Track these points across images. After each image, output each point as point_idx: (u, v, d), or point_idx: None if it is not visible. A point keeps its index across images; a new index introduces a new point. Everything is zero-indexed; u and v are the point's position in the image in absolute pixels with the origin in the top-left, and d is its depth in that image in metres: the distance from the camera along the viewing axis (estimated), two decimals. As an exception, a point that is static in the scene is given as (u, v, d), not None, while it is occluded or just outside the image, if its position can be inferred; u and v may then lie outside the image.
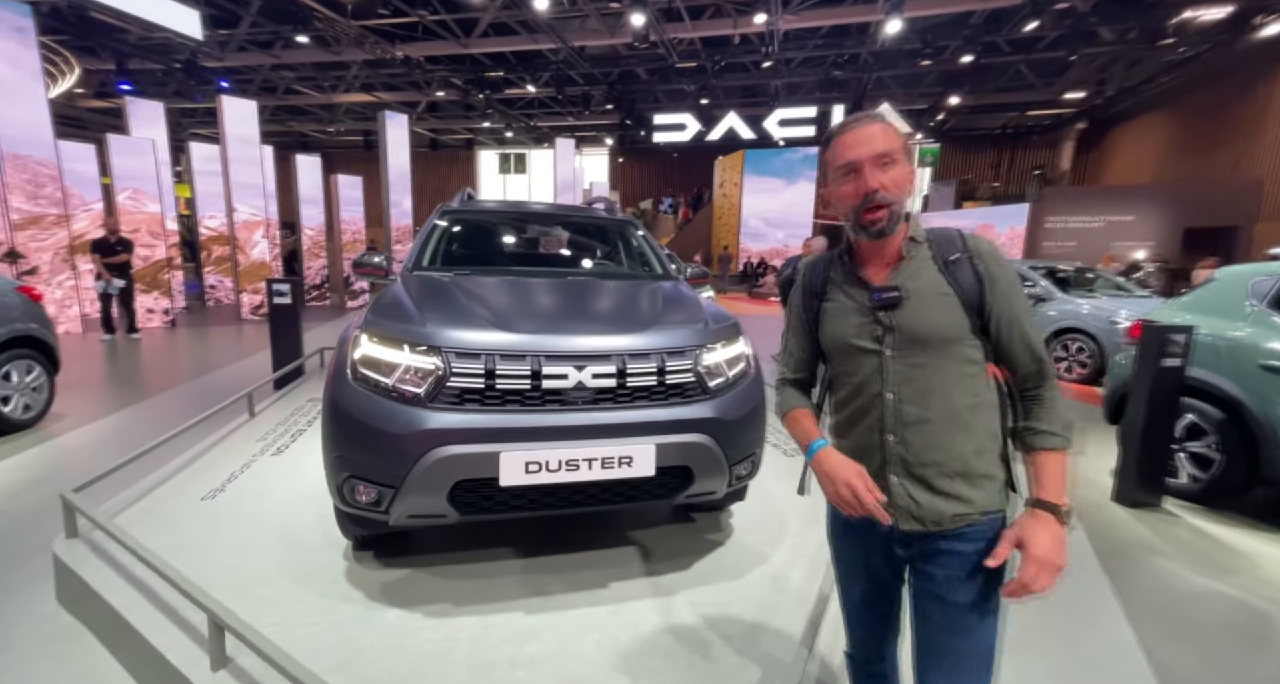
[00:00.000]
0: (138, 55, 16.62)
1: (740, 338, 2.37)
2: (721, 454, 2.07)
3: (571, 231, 3.55)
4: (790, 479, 3.23)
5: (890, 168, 1.03)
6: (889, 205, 1.03)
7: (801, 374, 1.26)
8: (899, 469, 1.07)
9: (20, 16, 7.85)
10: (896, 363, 1.06)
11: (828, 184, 1.11)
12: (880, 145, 1.02)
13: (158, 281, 9.45)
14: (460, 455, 1.78)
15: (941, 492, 1.04)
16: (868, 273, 1.12)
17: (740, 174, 21.74)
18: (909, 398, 1.05)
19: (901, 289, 1.06)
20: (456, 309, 2.12)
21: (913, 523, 1.06)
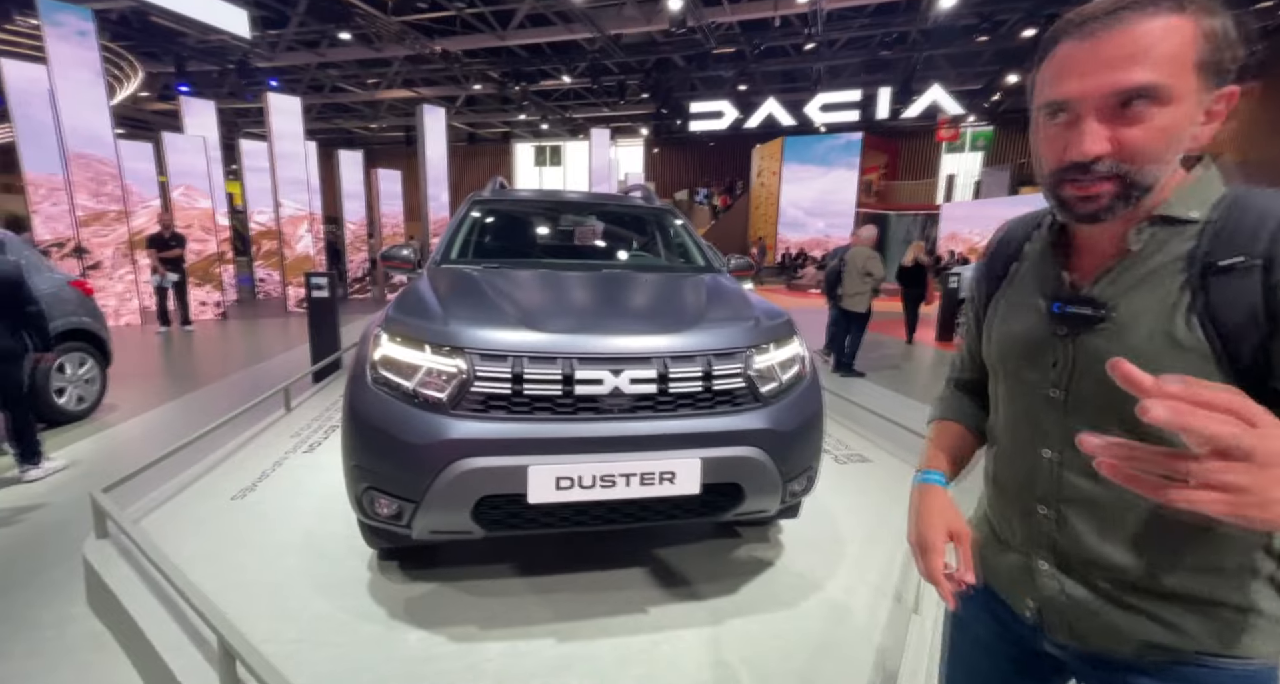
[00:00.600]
0: (196, 58, 17.44)
1: (795, 337, 2.13)
2: (775, 469, 1.85)
3: (607, 221, 3.35)
4: (847, 488, 2.97)
5: (1148, 109, 0.58)
6: (1122, 176, 0.60)
7: (968, 373, 0.95)
8: (1050, 554, 0.74)
9: (82, 20, 8.15)
10: (1073, 411, 0.69)
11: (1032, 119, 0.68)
12: (1140, 73, 0.56)
13: (209, 275, 9.78)
14: (485, 469, 1.62)
15: (1130, 606, 0.68)
16: (1076, 259, 0.73)
17: (779, 162, 21.11)
18: (1080, 465, 0.69)
19: (1105, 306, 0.66)
20: (482, 305, 1.96)
21: (1064, 634, 0.74)
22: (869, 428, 3.99)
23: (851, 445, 3.68)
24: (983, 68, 17.77)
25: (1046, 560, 0.74)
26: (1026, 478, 0.75)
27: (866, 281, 5.81)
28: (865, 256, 5.82)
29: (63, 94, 7.86)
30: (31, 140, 7.89)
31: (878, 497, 2.93)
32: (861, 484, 3.09)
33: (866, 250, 5.87)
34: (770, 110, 19.48)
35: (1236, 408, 0.41)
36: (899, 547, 2.41)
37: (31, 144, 7.88)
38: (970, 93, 18.82)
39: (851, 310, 5.90)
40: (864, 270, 5.79)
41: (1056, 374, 0.70)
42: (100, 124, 8.23)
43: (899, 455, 3.51)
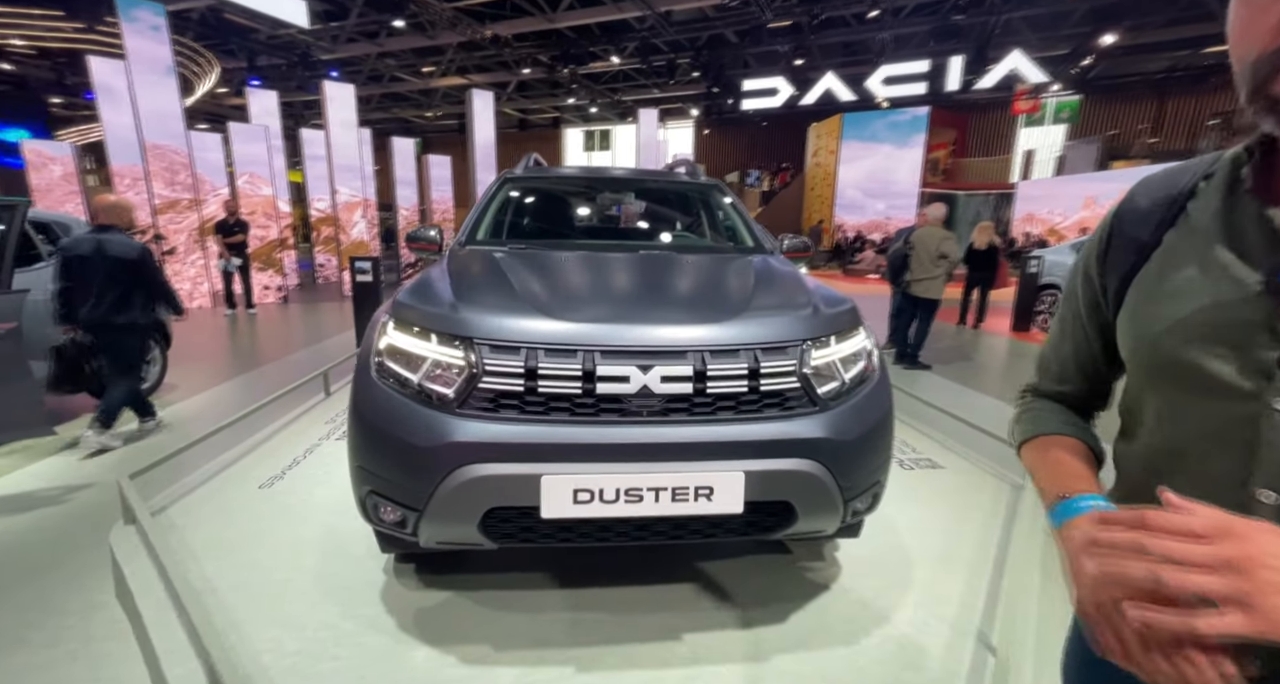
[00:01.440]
0: (265, 53, 18.33)
1: (860, 328, 1.81)
2: (835, 486, 1.56)
3: (648, 199, 3.08)
4: (916, 498, 2.63)
5: None
6: None
7: (1069, 385, 0.74)
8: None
9: (155, 15, 8.49)
10: None
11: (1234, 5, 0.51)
12: None
13: (271, 260, 10.18)
14: (493, 477, 1.42)
15: None
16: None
17: (837, 140, 20.00)
18: None
19: None
20: (496, 290, 1.75)
21: None
22: (938, 428, 3.58)
23: (919, 448, 3.30)
24: (1071, 30, 16.06)
25: None
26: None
27: (939, 265, 5.28)
28: (938, 238, 5.28)
29: (139, 87, 8.25)
30: (114, 133, 8.37)
31: (951, 509, 2.56)
32: (932, 494, 2.72)
33: (939, 230, 5.33)
34: (828, 86, 18.44)
35: None
36: (980, 573, 2.07)
37: (115, 136, 8.36)
38: (1054, 59, 17.11)
39: (922, 297, 5.39)
40: (937, 253, 5.25)
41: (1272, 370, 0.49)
42: (173, 116, 8.61)
43: (973, 460, 3.10)
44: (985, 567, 2.11)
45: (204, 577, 1.94)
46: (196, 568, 1.99)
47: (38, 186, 9.14)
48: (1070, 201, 15.82)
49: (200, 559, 2.04)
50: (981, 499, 2.66)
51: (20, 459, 3.05)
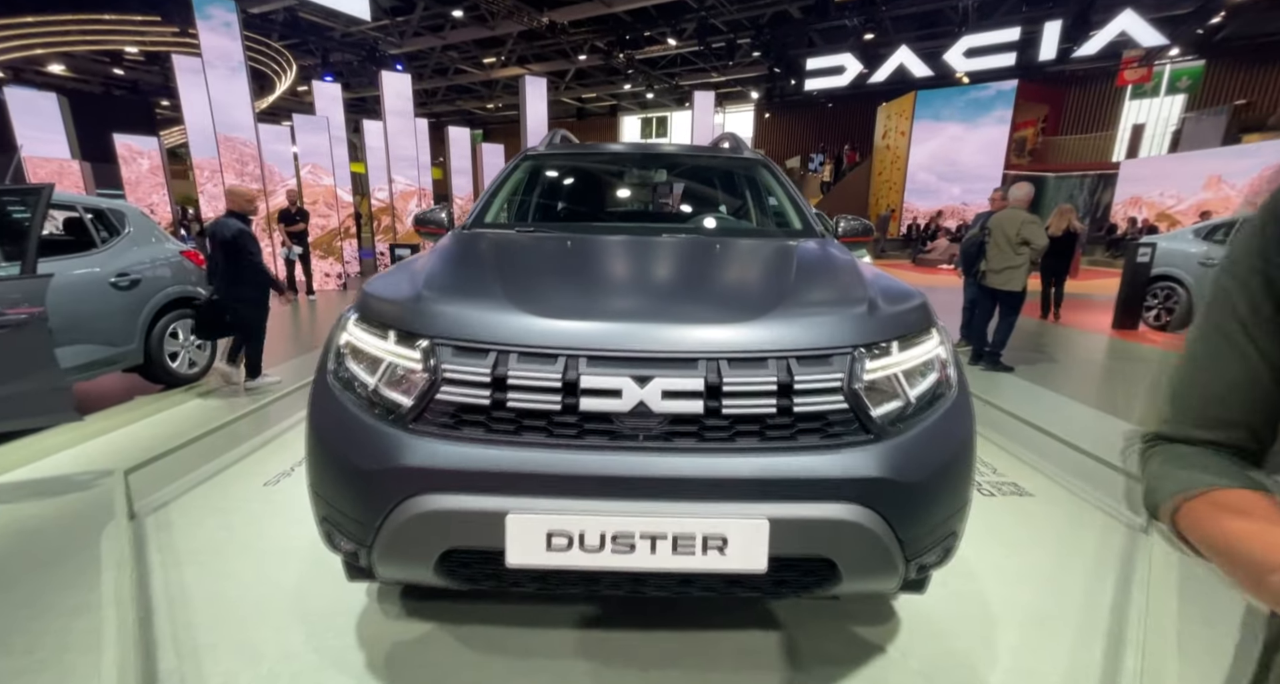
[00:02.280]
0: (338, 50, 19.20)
1: (933, 330, 1.40)
2: (894, 540, 1.18)
3: (683, 176, 2.72)
4: (998, 536, 2.16)
5: None
6: None
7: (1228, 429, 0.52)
8: None
9: (227, 12, 8.84)
10: None
11: None
12: None
13: (332, 249, 10.51)
14: (447, 513, 1.14)
15: None
16: None
17: (909, 120, 18.61)
18: None
19: None
20: (473, 279, 1.47)
21: None
22: (1024, 445, 3.04)
23: (1001, 469, 2.78)
24: (1195, -15, 14.00)
25: None
26: None
27: (1021, 253, 4.58)
28: (1020, 222, 4.56)
29: (212, 81, 8.63)
30: (194, 126, 8.83)
31: (1045, 551, 2.09)
32: (1019, 530, 2.25)
33: (1022, 213, 4.61)
34: (901, 61, 17.05)
35: None
36: (1089, 643, 1.61)
37: (195, 130, 8.82)
38: (1173, 20, 15.00)
39: (1001, 289, 4.71)
40: (1018, 239, 4.55)
41: None
42: (242, 108, 8.96)
43: (1070, 486, 2.57)
44: (1096, 635, 1.65)
45: (183, 585, 1.81)
46: (178, 574, 1.86)
47: (128, 179, 9.83)
48: (1188, 182, 13.92)
49: (183, 564, 1.92)
50: (1085, 540, 2.16)
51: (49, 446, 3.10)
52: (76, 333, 3.55)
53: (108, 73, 21.36)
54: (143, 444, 3.07)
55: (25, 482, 2.62)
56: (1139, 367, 5.19)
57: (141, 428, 3.38)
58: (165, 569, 1.88)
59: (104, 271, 3.79)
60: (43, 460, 2.83)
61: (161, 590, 1.75)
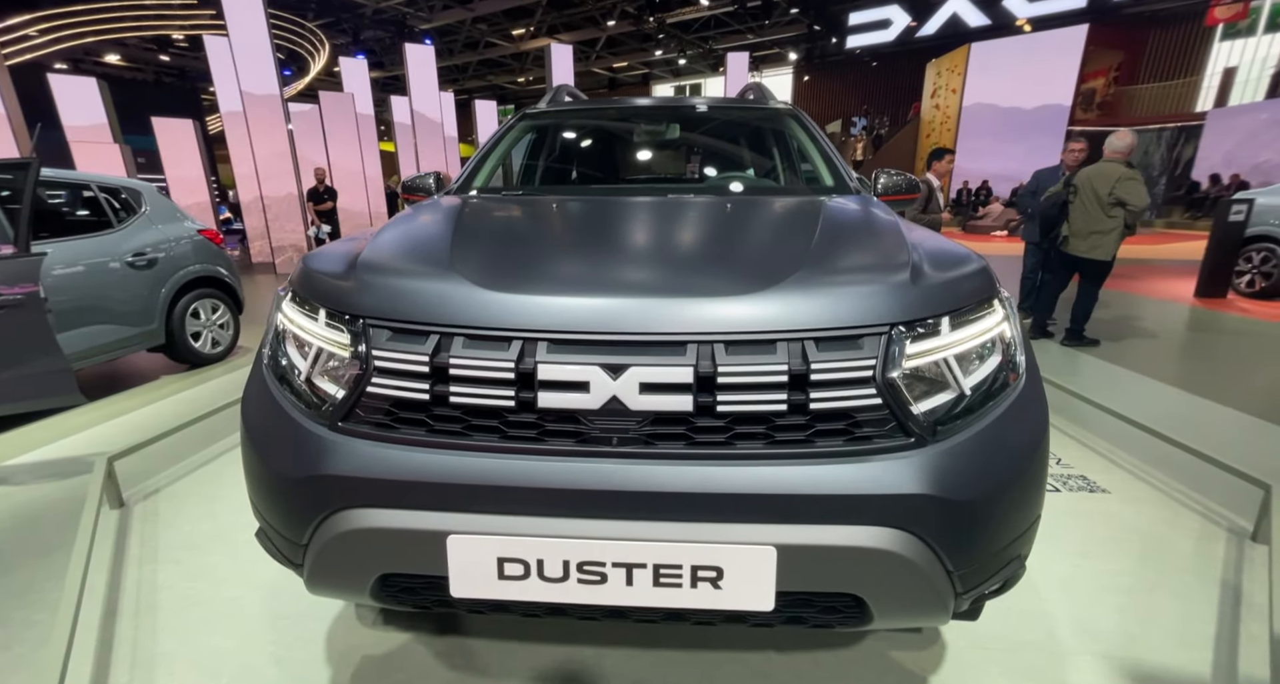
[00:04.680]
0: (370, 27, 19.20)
1: (995, 302, 1.09)
2: (942, 572, 0.92)
3: (699, 131, 2.40)
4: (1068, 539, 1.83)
5: None
6: None
7: None
8: None
9: (253, -9, 8.73)
10: None
11: None
12: None
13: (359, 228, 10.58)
14: (379, 532, 0.94)
15: None
16: None
17: (962, 76, 17.20)
18: None
19: None
20: (421, 247, 1.23)
21: None
22: (1102, 433, 2.65)
23: (1073, 461, 2.42)
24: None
25: None
26: None
27: (1115, 216, 3.98)
28: (1116, 177, 3.89)
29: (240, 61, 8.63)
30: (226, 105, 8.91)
31: (1126, 561, 1.76)
32: (1094, 532, 1.92)
33: (1119, 168, 3.93)
34: (954, 9, 15.76)
35: None
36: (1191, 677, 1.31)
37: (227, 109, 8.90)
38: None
39: (1086, 257, 4.10)
40: (1112, 199, 3.91)
41: None
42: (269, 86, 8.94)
43: (1157, 483, 2.20)
44: (1202, 669, 1.35)
45: (154, 584, 1.71)
46: (152, 571, 1.77)
47: (167, 158, 10.08)
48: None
49: (160, 559, 1.82)
50: (1178, 548, 1.82)
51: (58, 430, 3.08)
52: (94, 313, 3.55)
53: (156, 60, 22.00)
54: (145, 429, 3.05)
55: (23, 465, 2.61)
56: (1229, 340, 4.59)
57: (153, 410, 3.37)
58: (141, 564, 1.79)
59: (121, 251, 3.77)
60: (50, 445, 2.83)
61: (133, 588, 1.66)
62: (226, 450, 2.60)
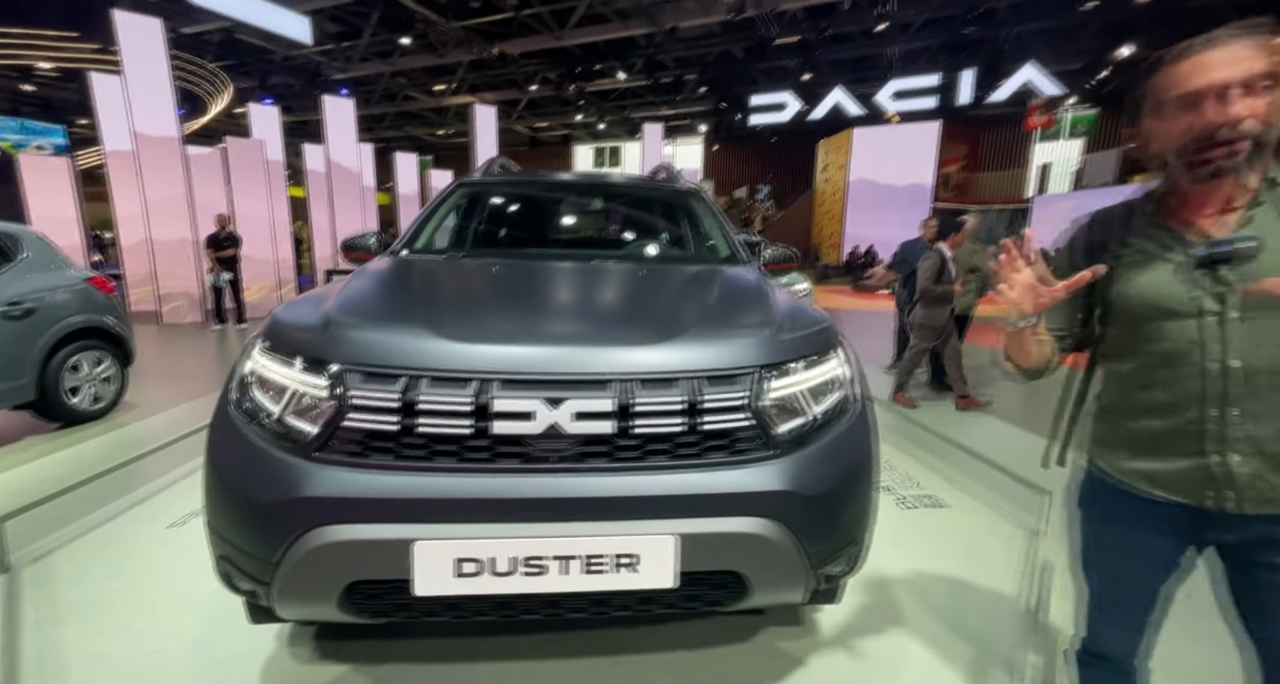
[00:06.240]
0: (279, 72, 18.69)
1: (835, 350, 1.49)
2: (799, 550, 1.24)
3: (616, 205, 2.80)
4: (914, 546, 2.26)
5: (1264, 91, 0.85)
6: (1256, 136, 0.85)
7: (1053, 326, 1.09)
8: (1244, 449, 0.91)
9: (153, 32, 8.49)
10: (1246, 326, 0.90)
11: (1153, 116, 0.94)
12: (1252, 65, 0.84)
13: (266, 275, 10.06)
14: (351, 543, 1.11)
15: None
16: (1185, 222, 0.96)
17: (846, 156, 19.76)
18: (1261, 365, 0.89)
19: (1257, 239, 0.88)
20: (385, 304, 1.47)
21: (1266, 506, 0.91)
22: (942, 458, 3.21)
23: (922, 482, 2.93)
24: (1089, 42, 15.75)
25: (1239, 451, 0.91)
26: (1199, 394, 0.92)
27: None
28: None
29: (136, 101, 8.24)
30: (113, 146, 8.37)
31: (959, 557, 2.20)
32: (934, 539, 2.36)
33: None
34: (837, 100, 18.26)
35: None
36: (995, 650, 1.70)
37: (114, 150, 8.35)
38: (1070, 73, 16.77)
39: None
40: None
41: (1222, 299, 0.90)
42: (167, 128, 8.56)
43: (986, 499, 2.73)
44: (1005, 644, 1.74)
45: (59, 646, 1.65)
46: (55, 634, 1.70)
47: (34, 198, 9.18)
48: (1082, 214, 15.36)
49: (63, 621, 1.75)
50: (993, 547, 2.30)
51: None
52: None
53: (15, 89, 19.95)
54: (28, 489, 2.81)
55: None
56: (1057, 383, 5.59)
57: (30, 470, 3.09)
58: (41, 628, 1.71)
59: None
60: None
61: (33, 654, 1.59)
62: (131, 506, 2.48)
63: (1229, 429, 0.90)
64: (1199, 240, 0.92)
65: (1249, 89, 0.84)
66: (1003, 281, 0.99)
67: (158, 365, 5.99)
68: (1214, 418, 0.91)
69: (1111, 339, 1.04)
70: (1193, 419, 0.93)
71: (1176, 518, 0.98)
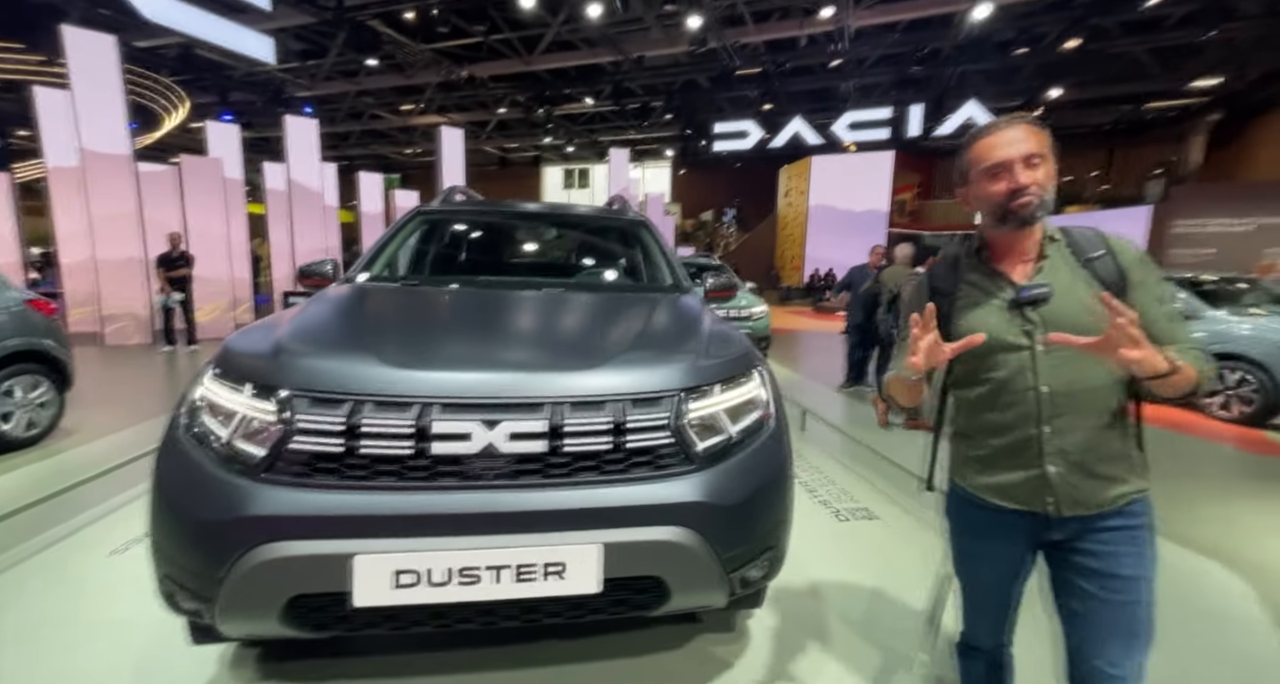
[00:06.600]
0: (241, 89, 18.35)
1: (754, 373, 1.65)
2: (714, 556, 1.36)
3: (568, 235, 2.95)
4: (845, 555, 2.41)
5: (1039, 166, 1.07)
6: (1039, 195, 1.07)
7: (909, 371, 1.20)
8: (1058, 459, 1.09)
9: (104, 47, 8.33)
10: (1049, 356, 1.09)
11: (969, 183, 1.15)
12: (1030, 145, 1.07)
13: (220, 295, 9.81)
14: (294, 559, 1.19)
15: (1101, 475, 1.08)
16: (1005, 269, 1.15)
17: (806, 182, 20.58)
18: (1061, 389, 1.08)
19: (1049, 286, 1.08)
20: (334, 332, 1.56)
21: (1077, 508, 1.09)
22: (879, 474, 3.41)
23: (858, 496, 3.11)
24: (1023, 83, 16.98)
25: (1055, 464, 1.09)
26: (1029, 414, 1.10)
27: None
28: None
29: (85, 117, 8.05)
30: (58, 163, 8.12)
31: (879, 568, 2.36)
32: (864, 550, 2.53)
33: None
34: (796, 130, 19.08)
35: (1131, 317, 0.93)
36: (900, 650, 1.85)
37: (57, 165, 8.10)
38: (1009, 110, 17.99)
39: None
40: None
41: (1030, 336, 1.10)
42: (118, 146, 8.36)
43: (914, 512, 2.92)
44: (907, 638, 1.90)
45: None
46: None
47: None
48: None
49: (12, 641, 1.73)
50: (913, 555, 2.47)
51: None
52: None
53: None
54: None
55: None
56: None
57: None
58: None
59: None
60: None
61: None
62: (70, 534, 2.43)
63: (1045, 443, 1.08)
64: (1011, 285, 1.11)
65: (1029, 163, 1.06)
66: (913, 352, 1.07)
67: (101, 389, 5.78)
68: (1042, 434, 1.08)
69: (958, 371, 1.18)
70: (1026, 436, 1.09)
71: (1022, 526, 1.13)
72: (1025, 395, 1.08)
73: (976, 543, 1.22)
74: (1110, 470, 1.07)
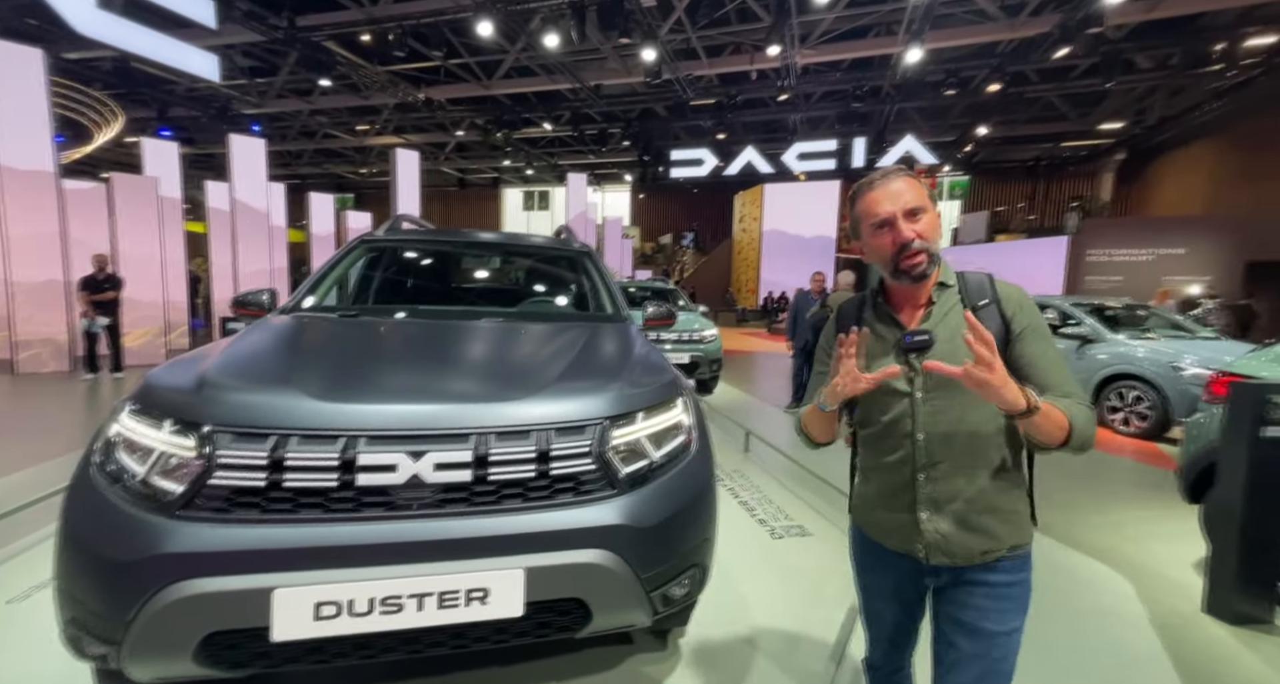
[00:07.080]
0: (183, 104, 17.65)
1: (677, 400, 1.75)
2: (634, 576, 1.43)
3: (511, 265, 3.02)
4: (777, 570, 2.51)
5: (921, 217, 1.09)
6: (925, 250, 1.09)
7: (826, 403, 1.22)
8: (929, 507, 1.10)
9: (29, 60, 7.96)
10: (926, 404, 1.10)
11: (861, 236, 1.17)
12: (909, 199, 1.09)
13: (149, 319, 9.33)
14: (208, 596, 1.19)
15: (972, 527, 1.08)
16: (900, 314, 1.17)
17: (760, 208, 21.34)
18: (938, 438, 1.09)
19: (931, 334, 1.09)
20: (260, 365, 1.58)
21: (942, 557, 1.09)
22: (814, 492, 3.56)
23: (792, 514, 3.24)
24: (955, 120, 18.30)
25: (926, 510, 1.09)
26: (907, 459, 1.10)
27: None
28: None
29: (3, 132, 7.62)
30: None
31: (808, 583, 2.47)
32: (796, 565, 2.64)
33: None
34: (749, 158, 19.85)
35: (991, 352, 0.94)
36: (818, 664, 1.95)
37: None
38: (944, 144, 19.32)
39: None
40: None
41: (915, 380, 1.10)
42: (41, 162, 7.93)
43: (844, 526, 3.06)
44: (825, 652, 2.00)
45: None
46: None
47: None
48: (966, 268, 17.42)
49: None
50: (840, 572, 2.59)
51: None
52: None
53: None
54: None
55: None
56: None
57: None
58: None
59: None
60: None
61: None
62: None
63: (919, 490, 1.08)
64: (901, 331, 1.12)
65: (911, 217, 1.07)
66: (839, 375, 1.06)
67: (8, 421, 5.40)
68: (916, 481, 1.09)
69: (859, 410, 1.19)
70: (905, 482, 1.10)
71: (905, 566, 1.14)
72: (904, 441, 1.10)
73: (869, 576, 1.24)
74: (985, 523, 1.06)
